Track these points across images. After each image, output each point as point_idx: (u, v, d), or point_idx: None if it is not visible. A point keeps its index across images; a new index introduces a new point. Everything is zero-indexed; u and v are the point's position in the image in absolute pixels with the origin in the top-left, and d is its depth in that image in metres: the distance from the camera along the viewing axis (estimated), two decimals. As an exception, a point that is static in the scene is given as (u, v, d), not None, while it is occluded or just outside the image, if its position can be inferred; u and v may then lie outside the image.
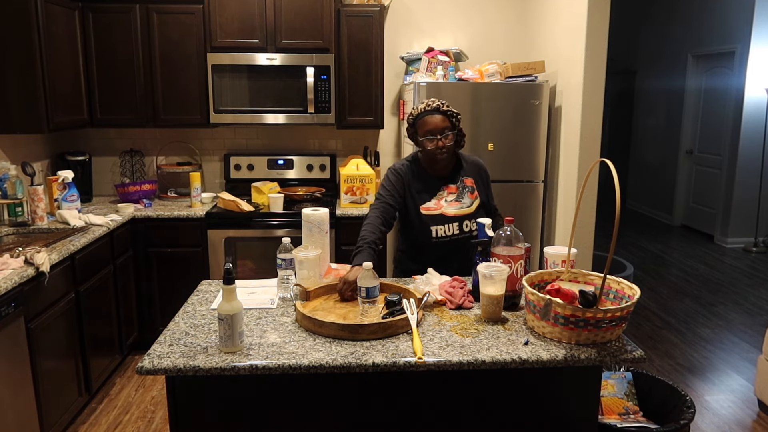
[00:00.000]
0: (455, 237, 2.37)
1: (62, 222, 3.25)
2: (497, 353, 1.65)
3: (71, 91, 3.57)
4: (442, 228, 2.35)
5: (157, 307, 3.73)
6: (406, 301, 1.88)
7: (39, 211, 3.21)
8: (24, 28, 3.12)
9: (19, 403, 2.40)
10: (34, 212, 3.21)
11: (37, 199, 3.20)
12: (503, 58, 4.21)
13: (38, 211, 3.21)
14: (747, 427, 3.03)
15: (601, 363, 1.67)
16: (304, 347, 1.69)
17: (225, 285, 1.65)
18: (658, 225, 7.71)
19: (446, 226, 2.35)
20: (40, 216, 3.21)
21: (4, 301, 2.26)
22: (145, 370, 1.58)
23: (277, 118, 3.83)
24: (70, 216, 3.25)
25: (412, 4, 4.25)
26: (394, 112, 4.35)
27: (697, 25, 7.08)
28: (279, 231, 3.67)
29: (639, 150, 8.64)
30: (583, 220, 3.58)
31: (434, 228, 2.35)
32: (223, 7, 3.69)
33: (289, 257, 2.05)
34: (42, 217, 3.22)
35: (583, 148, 3.50)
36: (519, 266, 1.96)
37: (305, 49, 3.77)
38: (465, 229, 2.37)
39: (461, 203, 2.38)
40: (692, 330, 4.26)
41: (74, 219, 3.24)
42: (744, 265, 5.91)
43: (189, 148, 4.26)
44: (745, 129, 6.40)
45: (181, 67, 3.79)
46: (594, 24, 3.38)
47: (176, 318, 1.92)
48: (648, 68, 8.26)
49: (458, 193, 2.38)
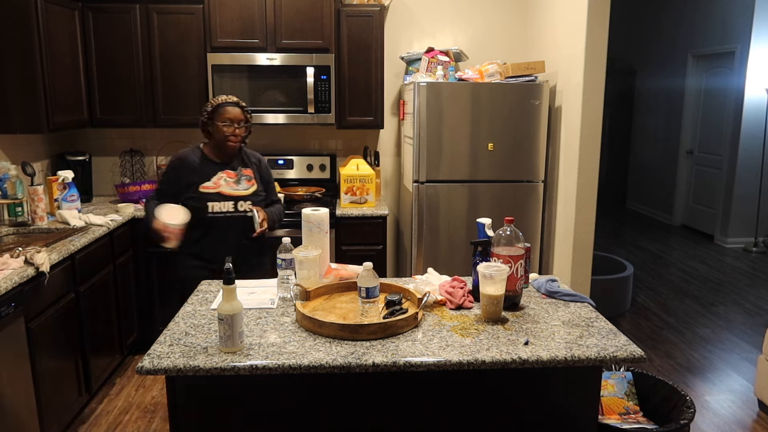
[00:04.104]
0: (229, 214, 2.63)
1: (62, 222, 3.25)
2: (497, 353, 1.65)
3: (71, 91, 3.56)
4: (218, 204, 2.61)
5: (157, 307, 3.73)
6: None
7: (39, 211, 3.21)
8: (24, 28, 3.12)
9: (19, 403, 2.40)
10: (34, 212, 3.21)
11: (37, 199, 3.20)
12: (503, 58, 4.21)
13: (38, 211, 3.21)
14: (747, 427, 3.03)
15: (601, 363, 1.67)
16: (304, 347, 1.69)
17: (225, 285, 1.65)
18: (658, 225, 7.71)
19: (222, 203, 2.62)
20: (40, 216, 3.21)
21: (4, 301, 2.26)
22: (145, 370, 1.58)
23: (277, 118, 3.83)
24: (70, 216, 3.25)
25: (412, 4, 4.25)
26: (394, 112, 4.35)
27: (697, 25, 7.08)
28: (279, 231, 3.67)
29: (639, 150, 8.64)
30: (583, 220, 3.58)
31: (210, 204, 2.60)
32: (223, 7, 3.69)
33: (289, 257, 2.05)
34: (42, 217, 3.22)
35: (583, 148, 3.50)
36: (519, 266, 1.96)
37: (305, 49, 3.77)
38: (240, 209, 2.64)
39: (239, 186, 2.66)
40: (692, 330, 4.26)
41: (74, 219, 3.24)
42: (744, 265, 5.91)
43: (189, 148, 4.25)
44: (745, 129, 6.40)
45: (181, 67, 3.79)
46: (594, 24, 3.38)
47: (176, 318, 1.92)
48: (648, 68, 8.26)
49: (236, 178, 2.67)
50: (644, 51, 8.31)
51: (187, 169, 2.63)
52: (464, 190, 3.69)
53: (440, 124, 3.62)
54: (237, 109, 2.62)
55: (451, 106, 3.61)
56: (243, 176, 2.68)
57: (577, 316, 1.94)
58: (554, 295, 2.12)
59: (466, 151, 3.66)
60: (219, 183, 2.63)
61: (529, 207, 3.76)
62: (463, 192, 3.69)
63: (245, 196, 2.66)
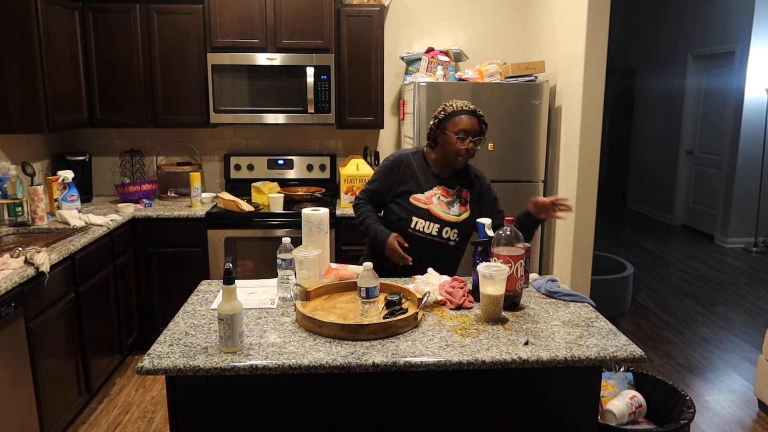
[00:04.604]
0: (431, 237, 2.36)
1: (62, 222, 3.25)
2: (497, 353, 1.65)
3: (71, 91, 3.56)
4: (423, 222, 2.35)
5: (157, 307, 3.73)
6: None
7: (39, 211, 3.21)
8: (24, 28, 3.12)
9: (19, 403, 2.40)
10: (34, 212, 3.21)
11: (37, 199, 3.20)
12: (503, 58, 4.21)
13: (38, 211, 3.21)
14: (747, 427, 3.03)
15: (601, 363, 1.67)
16: (304, 347, 1.69)
17: (225, 285, 1.65)
18: (658, 225, 7.71)
19: (427, 223, 2.35)
20: (40, 216, 3.22)
21: (4, 301, 2.26)
22: (145, 370, 1.58)
23: (277, 118, 3.83)
24: (70, 216, 3.25)
25: (412, 4, 4.25)
26: (394, 112, 4.35)
27: (697, 25, 7.08)
28: (279, 231, 3.67)
29: (639, 150, 8.64)
30: (583, 220, 3.58)
31: (415, 219, 2.35)
32: (223, 7, 3.69)
33: (289, 257, 2.05)
34: (42, 217, 3.22)
35: (583, 148, 3.50)
36: (519, 266, 1.96)
37: (305, 49, 3.77)
38: (444, 235, 2.36)
39: (450, 209, 2.37)
40: (692, 330, 4.26)
41: (74, 219, 3.24)
42: (744, 265, 5.91)
43: (189, 148, 4.26)
44: (745, 129, 6.40)
45: (181, 67, 3.79)
46: (594, 24, 3.38)
47: (176, 318, 1.92)
48: (648, 68, 8.26)
49: (451, 200, 2.38)
50: (644, 51, 8.31)
51: (403, 174, 2.39)
52: (464, 190, 3.68)
53: (440, 124, 3.61)
54: (473, 118, 2.30)
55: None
56: (458, 199, 2.39)
57: (577, 316, 1.94)
58: (554, 295, 2.12)
59: (466, 151, 3.66)
60: (432, 200, 2.36)
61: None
62: (463, 192, 3.68)
63: (453, 223, 2.36)
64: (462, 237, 2.41)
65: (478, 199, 2.44)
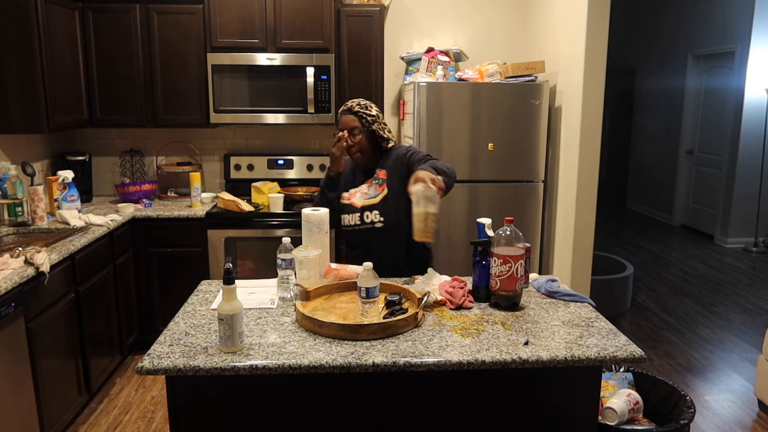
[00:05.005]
0: (357, 227, 2.43)
1: (62, 222, 3.25)
2: (497, 353, 1.65)
3: (71, 91, 3.56)
4: (348, 217, 2.45)
5: (157, 307, 3.73)
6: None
7: (39, 211, 3.21)
8: (24, 28, 3.12)
9: (19, 403, 2.40)
10: (34, 212, 3.21)
11: (37, 199, 3.20)
12: (503, 58, 4.21)
13: (38, 211, 3.21)
14: (747, 427, 3.03)
15: (601, 363, 1.67)
16: (304, 347, 1.69)
17: (225, 285, 1.65)
18: (658, 225, 7.71)
19: (350, 215, 2.44)
20: (40, 216, 3.22)
21: (4, 301, 2.26)
22: (145, 370, 1.58)
23: (277, 118, 3.83)
24: (70, 216, 3.25)
25: (412, 4, 4.25)
26: (394, 112, 4.35)
27: (697, 25, 7.08)
28: (279, 231, 3.67)
29: (639, 150, 8.64)
30: (583, 220, 3.58)
31: (343, 216, 2.47)
32: (223, 7, 3.69)
33: (289, 257, 2.05)
34: (42, 217, 3.22)
35: (583, 148, 3.50)
36: (519, 266, 1.96)
37: (305, 49, 3.77)
38: (366, 220, 2.40)
39: (368, 194, 2.43)
40: (692, 330, 4.26)
41: (74, 219, 3.24)
42: (744, 265, 5.91)
43: (189, 148, 4.26)
44: (745, 129, 6.40)
45: (181, 66, 3.79)
46: (594, 24, 3.38)
47: (176, 318, 1.92)
48: (648, 68, 8.26)
49: (371, 186, 2.44)
50: (644, 51, 8.31)
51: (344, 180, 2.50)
52: (464, 190, 3.68)
53: (440, 124, 3.62)
54: (350, 115, 2.39)
55: (451, 106, 3.61)
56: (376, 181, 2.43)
57: (577, 316, 1.94)
58: (554, 295, 2.12)
59: (466, 151, 3.66)
60: (354, 194, 2.46)
61: (529, 207, 3.76)
62: (463, 192, 3.69)
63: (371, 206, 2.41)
64: (387, 217, 2.39)
65: (397, 170, 2.38)
